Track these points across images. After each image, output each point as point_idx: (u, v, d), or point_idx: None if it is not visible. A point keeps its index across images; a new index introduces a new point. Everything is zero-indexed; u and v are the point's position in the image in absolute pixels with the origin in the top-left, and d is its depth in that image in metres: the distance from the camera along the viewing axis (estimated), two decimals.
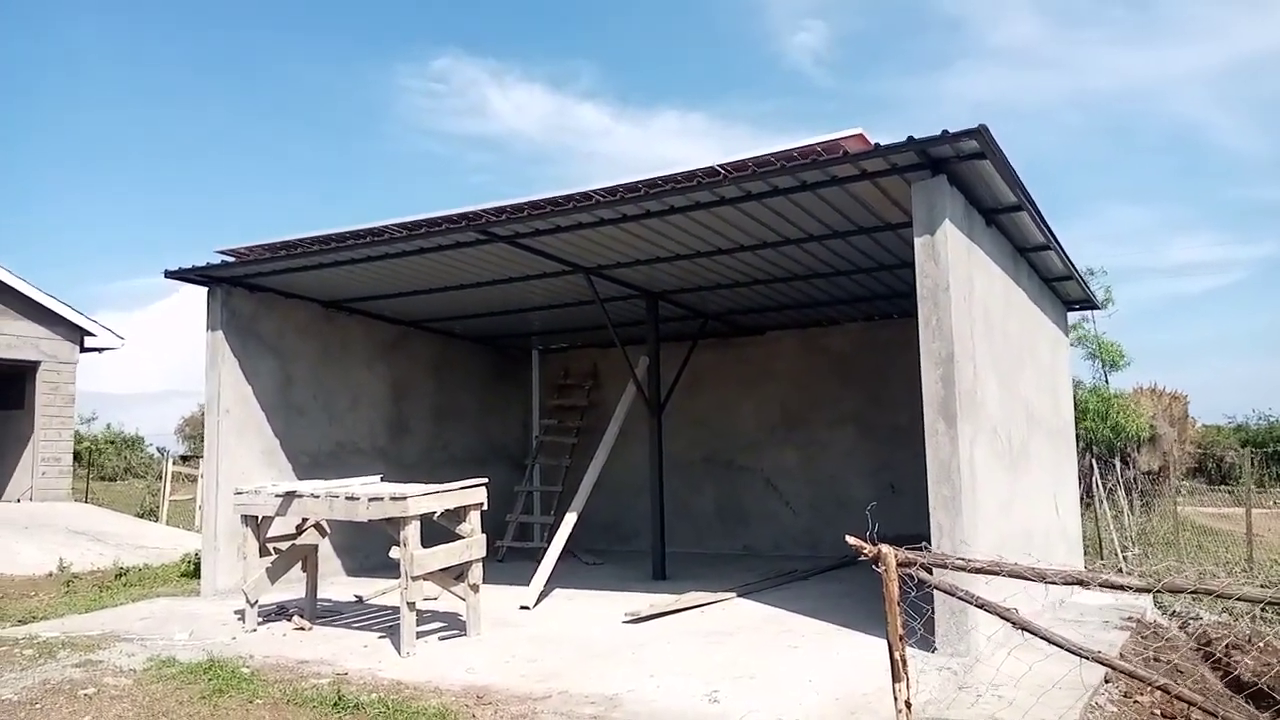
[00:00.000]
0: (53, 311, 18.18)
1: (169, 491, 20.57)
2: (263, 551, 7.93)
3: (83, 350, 19.04)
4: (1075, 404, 13.27)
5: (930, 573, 4.18)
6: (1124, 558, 12.88)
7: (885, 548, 3.68)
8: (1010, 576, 3.51)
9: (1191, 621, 8.90)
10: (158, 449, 36.46)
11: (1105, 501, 13.94)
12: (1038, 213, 7.77)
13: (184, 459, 29.78)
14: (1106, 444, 18.40)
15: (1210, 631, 8.34)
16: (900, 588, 3.79)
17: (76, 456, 20.42)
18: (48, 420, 18.29)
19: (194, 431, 38.76)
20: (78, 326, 18.70)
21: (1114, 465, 15.93)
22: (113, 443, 34.98)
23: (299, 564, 8.28)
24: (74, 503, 18.65)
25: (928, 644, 6.29)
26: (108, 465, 32.51)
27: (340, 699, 5.59)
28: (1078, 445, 12.46)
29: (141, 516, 18.75)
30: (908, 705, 3.61)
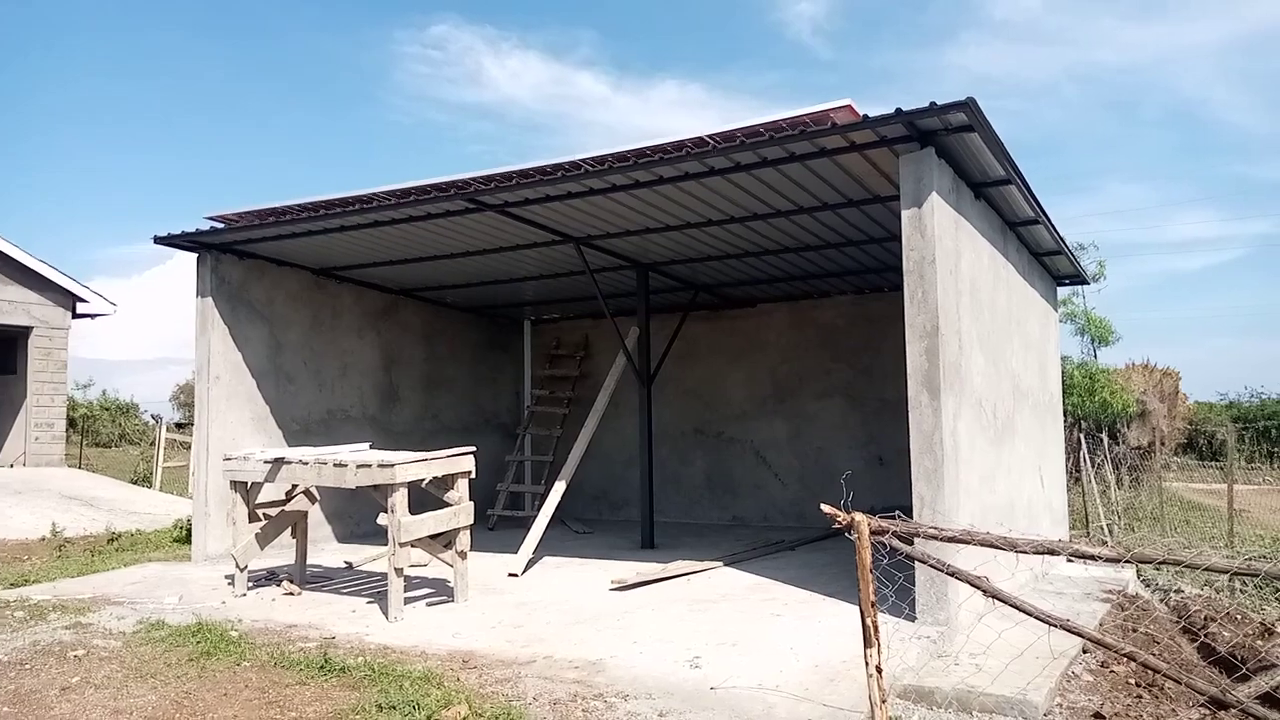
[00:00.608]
0: (45, 277, 18.16)
1: (162, 458, 20.63)
2: (252, 517, 7.98)
3: (75, 316, 19.03)
4: (1062, 379, 13.33)
5: (910, 542, 4.24)
6: (1109, 531, 13.00)
7: (859, 516, 3.73)
8: (981, 545, 3.57)
9: (1172, 595, 9.02)
10: (152, 416, 36.52)
11: (1092, 476, 14.04)
12: (1026, 186, 7.77)
13: (178, 426, 29.85)
14: (1095, 419, 18.50)
15: (1189, 603, 8.46)
16: (875, 556, 3.85)
17: (71, 423, 20.49)
18: (40, 386, 18.31)
19: (188, 399, 38.81)
20: (70, 292, 18.68)
21: (1102, 440, 16.03)
22: (107, 409, 35.00)
23: (289, 530, 8.33)
24: (67, 468, 18.72)
25: (907, 613, 6.38)
26: (102, 432, 32.57)
27: (327, 662, 5.66)
28: (1065, 420, 12.53)
29: (135, 483, 18.82)
30: (879, 670, 3.67)
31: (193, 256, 9.99)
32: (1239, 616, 7.83)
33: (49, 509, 13.78)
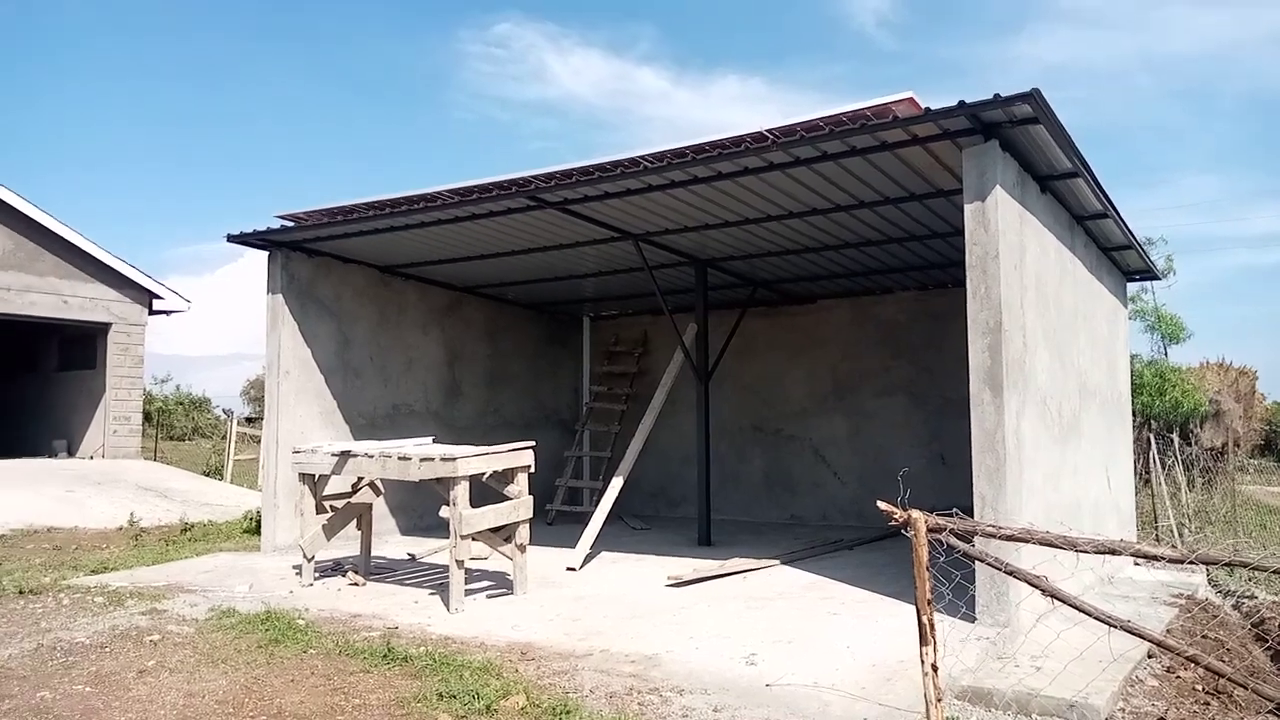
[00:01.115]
0: (123, 275, 18.82)
1: (233, 451, 21.23)
2: (319, 509, 8.19)
3: (152, 313, 19.68)
4: (1131, 377, 12.98)
5: (968, 541, 4.20)
6: (1179, 534, 12.64)
7: (915, 512, 3.71)
8: (1040, 544, 3.51)
9: (1245, 601, 8.74)
10: (223, 410, 37.60)
11: (1162, 478, 13.66)
12: (1094, 179, 7.59)
13: (249, 420, 30.68)
14: (1165, 419, 17.98)
15: (1265, 611, 8.20)
16: (932, 554, 3.82)
17: (146, 416, 21.17)
18: (118, 380, 18.98)
19: (258, 394, 39.83)
20: (146, 289, 19.33)
21: (1173, 441, 15.58)
22: (181, 403, 36.14)
23: (354, 522, 8.53)
24: (143, 460, 19.37)
25: (966, 613, 6.29)
26: (176, 425, 33.63)
27: (390, 651, 5.80)
28: (1134, 420, 12.21)
29: (207, 475, 19.40)
30: (934, 669, 3.65)
31: (263, 255, 10.27)
32: None
33: (126, 499, 14.30)
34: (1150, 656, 5.85)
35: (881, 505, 3.83)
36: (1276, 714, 3.52)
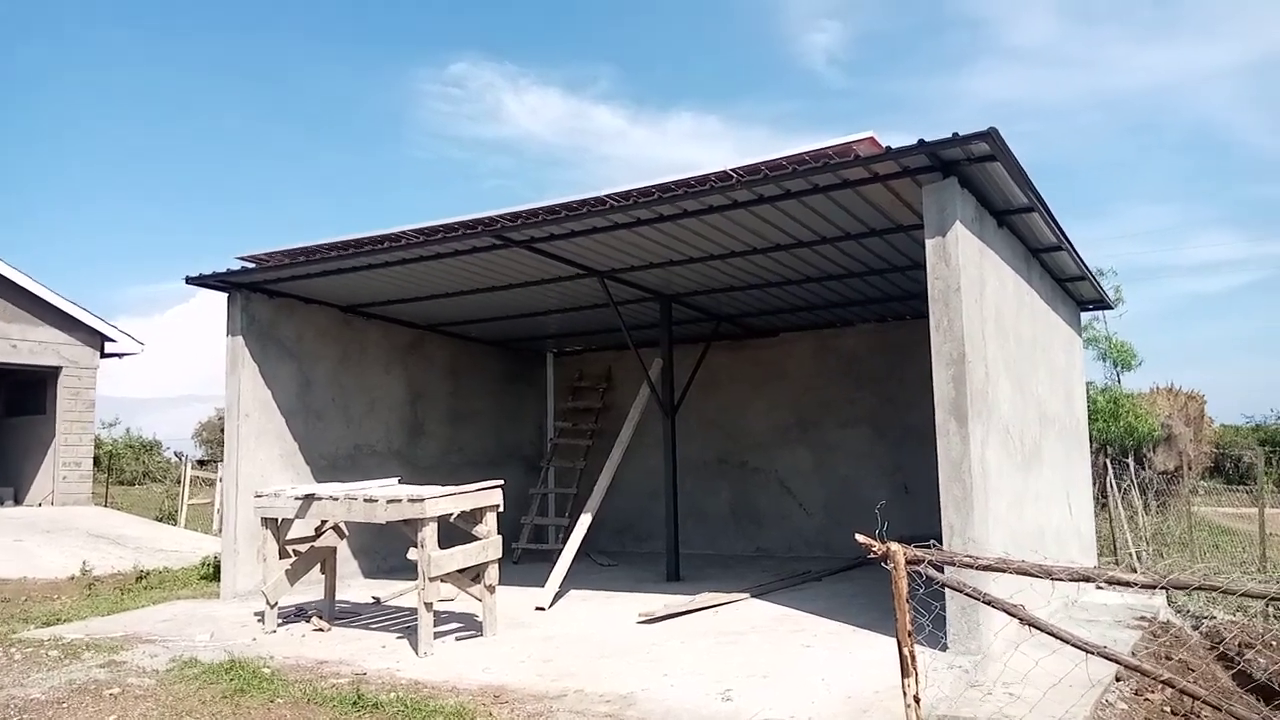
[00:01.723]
0: (74, 318, 18.44)
1: (187, 495, 20.77)
2: (282, 554, 8.04)
3: (103, 356, 19.28)
4: (1087, 404, 13.25)
5: (940, 570, 4.24)
6: (1137, 557, 12.86)
7: (894, 545, 3.75)
8: (1016, 573, 3.57)
9: (1205, 621, 8.90)
10: (175, 453, 36.84)
11: (1119, 502, 13.92)
12: (1049, 213, 7.80)
13: (200, 463, 30.06)
14: (1120, 444, 18.35)
15: (1223, 630, 8.35)
16: (909, 585, 3.85)
17: (96, 461, 20.66)
18: (69, 425, 18.54)
19: (210, 436, 39.11)
20: (98, 332, 18.95)
21: (1128, 465, 15.89)
22: (131, 447, 35.36)
23: (318, 566, 8.39)
24: (94, 506, 18.88)
25: (939, 642, 6.34)
26: (126, 469, 32.86)
27: (360, 698, 5.69)
28: (1091, 445, 12.45)
29: (160, 520, 18.95)
30: (916, 700, 3.67)
31: (217, 296, 10.15)
32: (1275, 642, 7.73)
33: (77, 548, 13.90)
34: (1118, 679, 5.93)
35: (860, 538, 3.87)
36: None
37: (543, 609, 8.69)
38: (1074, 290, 10.67)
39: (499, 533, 7.62)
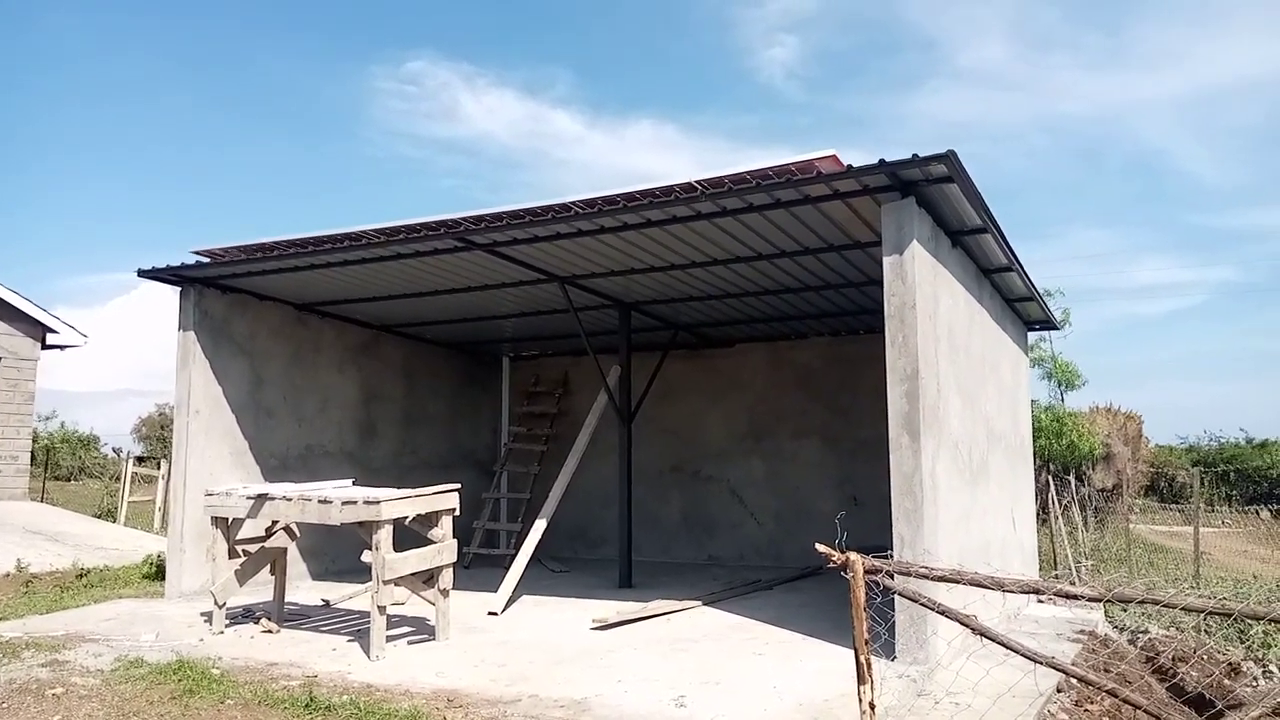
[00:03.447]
0: (14, 307, 17.94)
1: (128, 493, 20.31)
2: (232, 554, 7.93)
3: (44, 347, 18.78)
4: (1032, 422, 13.59)
5: (892, 578, 4.35)
6: (1077, 572, 13.21)
7: (853, 555, 3.84)
8: (970, 585, 3.68)
9: (1140, 635, 9.19)
10: (114, 449, 35.97)
11: (1060, 517, 14.28)
12: (1001, 235, 8.02)
13: (140, 460, 29.39)
14: (1062, 461, 18.82)
15: (1158, 644, 8.62)
16: (865, 595, 3.95)
17: (32, 456, 20.10)
18: (6, 418, 18.02)
19: (150, 432, 38.23)
20: (40, 323, 18.45)
21: (1069, 482, 16.30)
22: (67, 442, 34.43)
23: (267, 567, 8.28)
24: (30, 502, 18.37)
25: (888, 652, 6.47)
26: (63, 465, 31.99)
27: (312, 700, 5.64)
28: (1035, 462, 12.77)
29: (99, 517, 18.49)
30: (871, 707, 3.77)
31: (159, 288, 10.00)
32: (1207, 657, 8.00)
33: (13, 544, 13.51)
34: (1060, 690, 6.11)
35: (820, 548, 3.96)
36: None
37: (496, 614, 8.68)
38: (1022, 310, 10.96)
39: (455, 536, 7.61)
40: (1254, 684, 7.32)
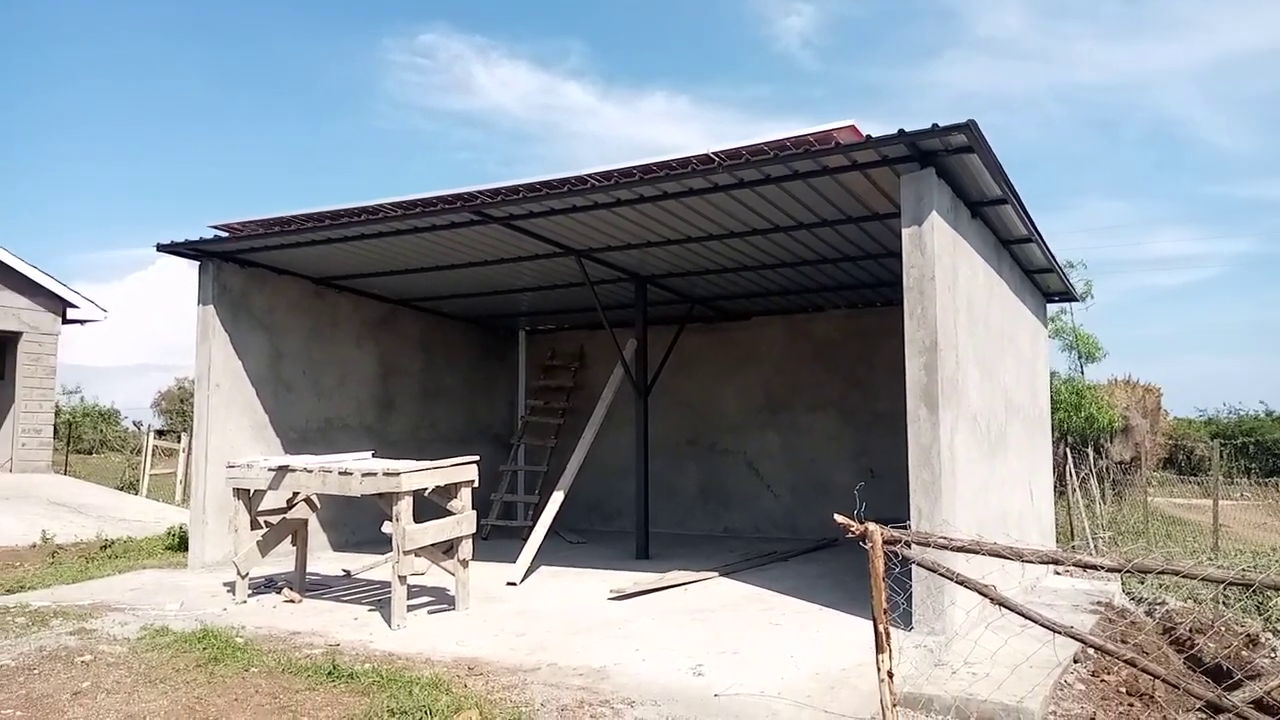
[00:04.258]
0: (35, 282, 18.11)
1: (149, 465, 20.55)
2: (254, 525, 8.03)
3: (65, 321, 18.96)
4: (1050, 394, 13.54)
5: (912, 549, 4.37)
6: (1095, 544, 13.19)
7: (872, 525, 3.86)
8: (989, 555, 3.69)
9: (1157, 607, 9.18)
10: (134, 423, 36.34)
11: (1078, 490, 14.24)
12: (1021, 206, 7.95)
13: (160, 433, 29.70)
14: (1080, 434, 18.75)
15: (1175, 616, 8.62)
16: (884, 565, 3.97)
17: (54, 429, 20.35)
18: (29, 391, 18.24)
19: (170, 406, 38.57)
20: (60, 298, 18.63)
21: (1087, 455, 16.25)
22: (88, 415, 34.83)
23: (289, 538, 8.38)
24: (54, 474, 18.63)
25: (905, 622, 6.50)
26: (84, 438, 32.37)
27: (335, 668, 5.72)
28: (1052, 435, 12.72)
29: (121, 490, 18.74)
30: (890, 675, 3.79)
31: (177, 263, 10.09)
32: (1225, 628, 8.00)
33: (38, 516, 13.73)
34: (1076, 661, 6.13)
35: (839, 518, 3.97)
36: (1204, 712, 3.76)
37: (514, 584, 8.76)
38: (1041, 282, 10.87)
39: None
40: (1272, 654, 7.31)
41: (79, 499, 15.81)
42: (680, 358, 12.98)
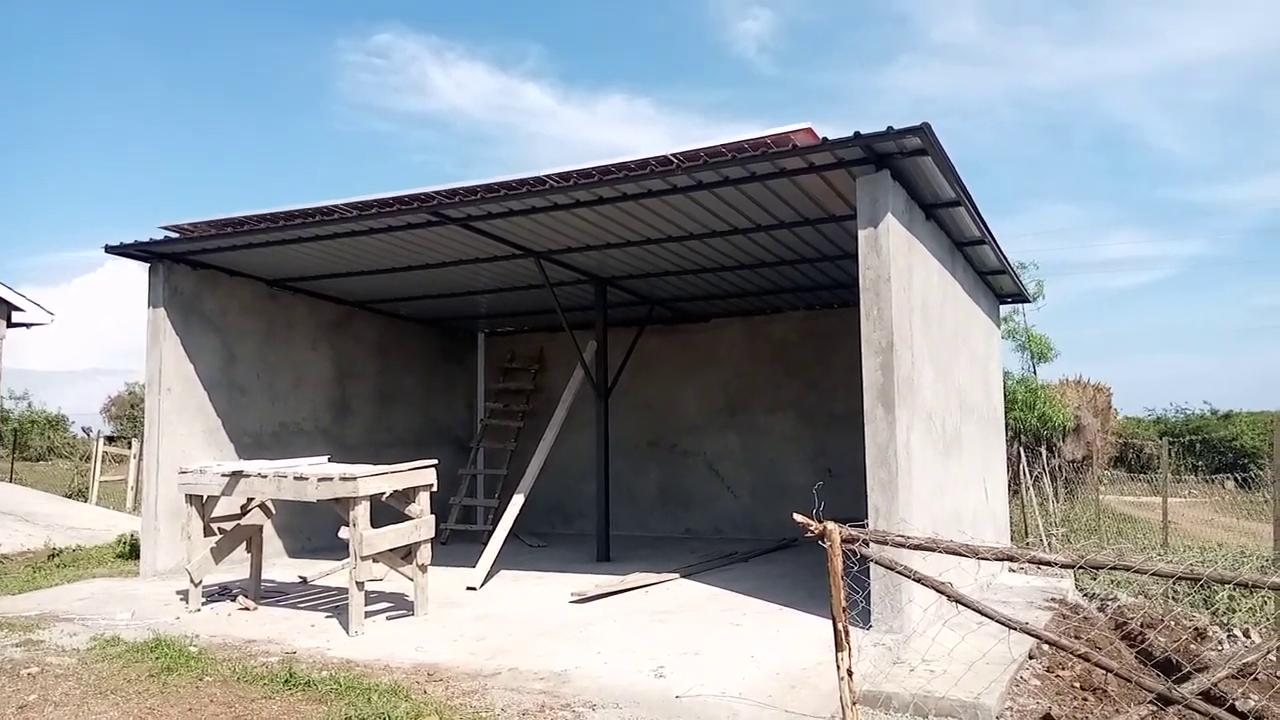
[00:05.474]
0: None
1: (99, 472, 20.10)
2: (207, 531, 7.89)
3: (9, 326, 18.46)
4: (1004, 394, 13.75)
5: (870, 548, 4.40)
6: (1048, 542, 13.41)
7: (830, 524, 3.88)
8: (946, 553, 3.74)
9: (1109, 603, 9.35)
10: (83, 429, 35.54)
11: (1031, 488, 14.48)
12: (975, 208, 8.07)
13: (110, 439, 29.08)
14: (1033, 433, 19.06)
15: (1127, 611, 8.79)
16: (842, 564, 3.99)
17: (0, 436, 19.85)
18: None
19: (120, 411, 37.76)
20: (5, 301, 18.12)
21: (1040, 454, 16.53)
22: (35, 422, 33.98)
23: (243, 545, 8.24)
24: (0, 483, 18.14)
25: (864, 621, 6.55)
26: (32, 445, 31.59)
27: (292, 676, 5.64)
28: (1006, 434, 12.92)
29: (70, 497, 18.32)
30: (849, 674, 3.82)
31: (127, 265, 9.87)
32: (1174, 622, 8.17)
33: None
34: (1031, 658, 6.22)
35: (798, 518, 4.00)
36: (1155, 704, 3.84)
37: (474, 589, 8.70)
38: (994, 283, 11.05)
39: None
40: (1219, 647, 7.49)
41: (25, 507, 15.43)
42: (640, 359, 12.99)
